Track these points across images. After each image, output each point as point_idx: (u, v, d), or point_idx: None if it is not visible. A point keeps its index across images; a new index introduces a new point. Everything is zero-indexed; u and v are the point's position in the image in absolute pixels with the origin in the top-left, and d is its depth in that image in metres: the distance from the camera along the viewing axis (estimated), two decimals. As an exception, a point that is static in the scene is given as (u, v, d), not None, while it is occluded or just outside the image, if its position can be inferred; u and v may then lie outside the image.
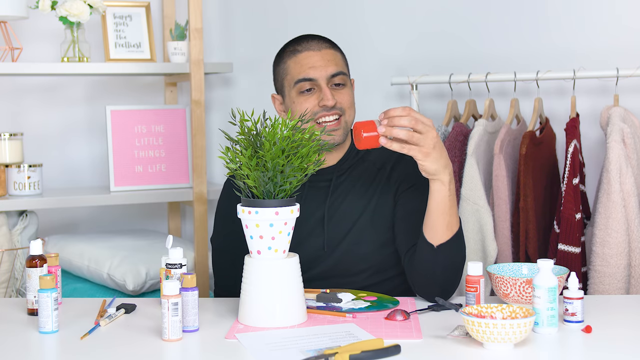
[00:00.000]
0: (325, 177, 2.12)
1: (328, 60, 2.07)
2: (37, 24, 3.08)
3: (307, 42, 2.10)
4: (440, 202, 1.90)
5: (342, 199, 2.11)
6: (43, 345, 1.73)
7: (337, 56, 2.10)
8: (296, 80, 2.07)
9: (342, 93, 2.09)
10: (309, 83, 2.07)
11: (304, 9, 3.27)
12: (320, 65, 2.07)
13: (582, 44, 2.79)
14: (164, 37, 3.25)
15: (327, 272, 2.09)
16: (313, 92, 2.08)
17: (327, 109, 2.06)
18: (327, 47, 2.10)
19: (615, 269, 2.44)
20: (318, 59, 2.07)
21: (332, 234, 2.09)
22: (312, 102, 2.07)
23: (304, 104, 2.07)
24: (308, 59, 2.07)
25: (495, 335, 1.59)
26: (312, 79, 2.06)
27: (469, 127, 2.73)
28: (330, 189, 2.11)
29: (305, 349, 1.62)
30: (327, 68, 2.07)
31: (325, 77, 2.06)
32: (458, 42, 3.00)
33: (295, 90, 2.08)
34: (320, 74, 2.06)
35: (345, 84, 2.10)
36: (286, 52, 2.12)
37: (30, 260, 1.93)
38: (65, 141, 3.23)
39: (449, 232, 1.93)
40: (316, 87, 2.07)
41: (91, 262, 2.80)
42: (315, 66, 2.06)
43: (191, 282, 1.76)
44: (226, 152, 1.81)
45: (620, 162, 2.45)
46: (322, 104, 2.06)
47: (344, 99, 2.08)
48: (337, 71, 2.07)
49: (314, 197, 2.11)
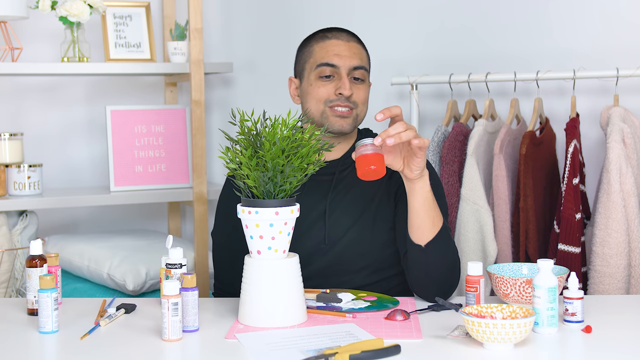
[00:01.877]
0: (328, 171, 2.13)
1: (354, 53, 2.10)
2: (37, 24, 3.08)
3: (337, 32, 2.14)
4: (425, 198, 1.92)
5: (344, 193, 2.11)
6: (43, 345, 1.73)
7: (363, 52, 2.13)
8: (319, 64, 2.09)
9: (360, 88, 2.10)
10: (331, 69, 2.08)
11: (304, 8, 3.27)
12: (345, 55, 2.09)
13: (582, 43, 2.79)
14: (164, 37, 3.25)
15: (326, 268, 2.08)
16: (332, 80, 2.09)
17: (342, 99, 2.07)
18: (356, 41, 2.14)
19: (615, 269, 2.44)
20: (345, 48, 2.10)
21: (333, 228, 2.09)
22: (329, 89, 2.08)
23: (321, 89, 2.08)
24: (335, 47, 2.10)
25: (495, 335, 1.59)
26: (335, 66, 2.08)
27: (469, 127, 2.73)
28: (333, 183, 2.12)
29: (305, 349, 1.62)
30: (352, 59, 2.09)
31: (348, 67, 2.08)
32: (458, 42, 3.00)
33: (316, 74, 2.10)
34: (343, 63, 2.08)
35: (364, 80, 2.12)
36: (315, 37, 2.15)
37: (30, 260, 1.93)
38: (65, 141, 3.23)
39: (434, 228, 1.95)
40: (336, 76, 2.09)
41: (91, 262, 2.80)
42: (340, 54, 2.09)
43: (191, 282, 1.76)
44: (226, 152, 1.81)
45: (620, 162, 2.45)
46: (339, 91, 2.07)
47: (359, 94, 2.10)
48: (360, 65, 2.10)
49: (316, 190, 2.12)
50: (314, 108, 2.09)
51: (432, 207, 1.94)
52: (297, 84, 2.17)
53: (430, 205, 1.94)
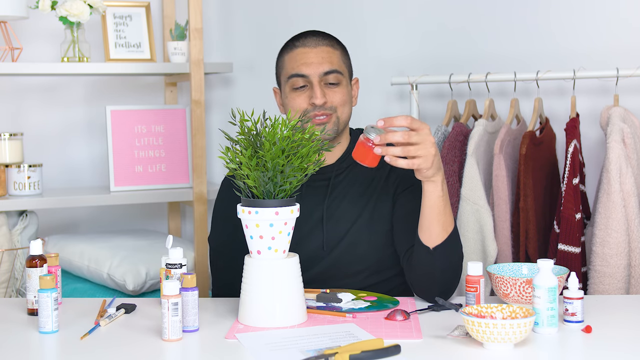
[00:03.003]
0: (323, 177, 2.12)
1: (322, 58, 2.06)
2: (37, 24, 3.08)
3: (304, 39, 2.09)
4: (434, 202, 1.90)
5: (341, 199, 2.10)
6: (43, 345, 1.73)
7: (334, 54, 2.08)
8: (289, 76, 2.07)
9: (335, 91, 2.07)
10: (302, 79, 2.06)
11: (304, 8, 3.27)
12: (313, 62, 2.05)
13: (582, 43, 2.79)
14: (164, 37, 3.25)
15: (325, 272, 2.08)
16: (305, 90, 2.07)
17: (317, 108, 2.05)
18: (325, 44, 2.08)
19: (615, 269, 2.44)
20: (312, 55, 2.06)
21: (331, 233, 2.08)
22: (304, 100, 2.06)
23: (296, 100, 2.06)
24: (302, 55, 2.07)
25: (495, 335, 1.59)
26: (304, 76, 2.05)
27: (469, 127, 2.73)
28: (329, 188, 2.11)
29: (305, 349, 1.62)
30: (321, 65, 2.05)
31: (318, 74, 2.05)
32: (458, 42, 3.00)
33: (289, 86, 2.08)
34: (312, 71, 2.05)
35: (339, 82, 2.07)
36: (286, 47, 2.12)
37: (30, 260, 1.93)
38: (65, 141, 3.23)
39: (444, 232, 1.92)
40: (308, 85, 2.06)
41: (91, 262, 2.80)
42: (308, 63, 2.05)
43: (191, 282, 1.76)
44: (226, 152, 1.81)
45: (620, 162, 2.45)
46: (311, 101, 2.05)
47: (335, 98, 2.06)
48: (331, 69, 2.06)
49: (313, 196, 2.11)
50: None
51: (442, 212, 1.91)
52: (279, 94, 2.16)
53: (440, 210, 1.91)
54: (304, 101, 2.06)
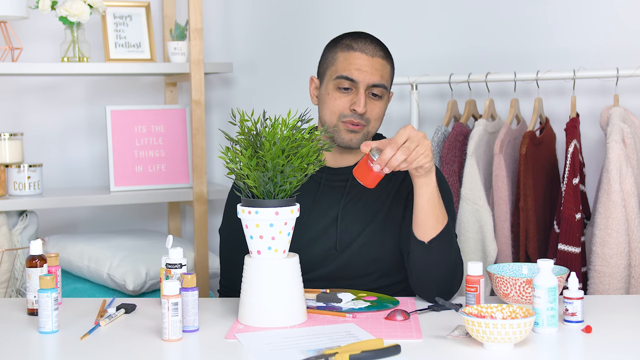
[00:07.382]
0: (342, 177, 2.13)
1: (376, 69, 2.06)
2: (37, 24, 3.08)
3: (364, 43, 2.08)
4: (430, 195, 1.93)
5: (357, 200, 2.11)
6: (43, 345, 1.73)
7: (386, 68, 2.09)
8: (339, 75, 2.07)
9: (376, 104, 2.08)
10: (349, 83, 2.06)
11: (304, 9, 3.27)
12: (367, 71, 2.05)
13: (582, 44, 2.79)
14: (164, 37, 3.25)
15: (335, 272, 2.09)
16: (349, 93, 2.07)
17: (355, 116, 2.05)
18: (380, 56, 2.08)
19: (615, 269, 2.44)
20: (367, 64, 2.06)
21: (344, 234, 2.09)
22: (345, 103, 2.06)
23: (337, 101, 2.07)
24: (358, 60, 2.06)
25: (495, 335, 1.59)
26: (354, 80, 2.05)
27: (469, 127, 2.73)
28: (346, 189, 2.12)
29: (305, 349, 1.62)
30: (372, 76, 2.05)
31: (367, 83, 2.05)
32: (458, 42, 3.00)
33: (334, 84, 2.08)
34: (363, 78, 2.05)
35: (382, 96, 2.09)
36: (341, 43, 2.10)
37: (30, 260, 1.93)
38: (65, 141, 3.23)
39: (438, 225, 1.95)
40: (354, 89, 2.06)
41: (91, 262, 2.80)
42: (362, 69, 2.05)
43: (191, 282, 1.76)
44: (226, 152, 1.81)
45: (620, 162, 2.45)
46: (353, 107, 2.05)
47: (374, 111, 2.07)
48: (380, 83, 2.06)
49: (330, 195, 2.12)
50: (327, 118, 2.08)
51: (437, 205, 1.95)
52: (317, 85, 2.15)
53: (435, 202, 1.94)
54: (345, 104, 2.06)
